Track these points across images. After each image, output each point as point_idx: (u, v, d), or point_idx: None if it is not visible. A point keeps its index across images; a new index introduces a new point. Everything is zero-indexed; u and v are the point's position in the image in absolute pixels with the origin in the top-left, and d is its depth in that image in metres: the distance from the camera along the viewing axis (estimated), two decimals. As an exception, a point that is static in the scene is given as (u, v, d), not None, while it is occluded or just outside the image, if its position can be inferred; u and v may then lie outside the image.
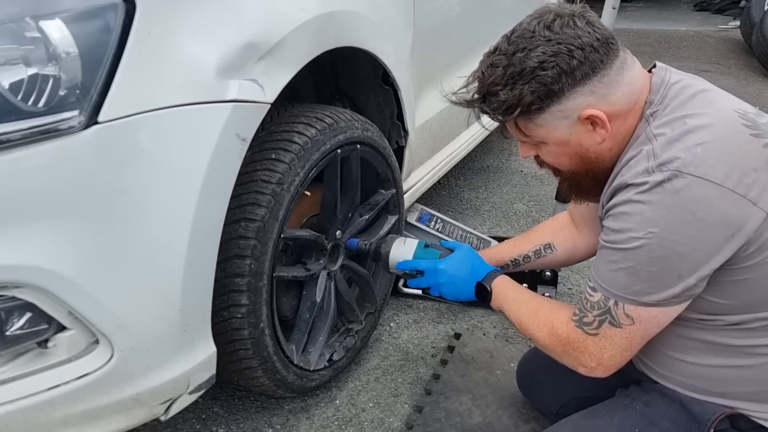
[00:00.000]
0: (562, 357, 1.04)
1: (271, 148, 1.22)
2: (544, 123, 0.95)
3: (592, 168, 1.00)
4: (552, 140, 0.97)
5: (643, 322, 0.93)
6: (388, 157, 1.58)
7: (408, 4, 1.67)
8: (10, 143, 0.83)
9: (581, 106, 0.92)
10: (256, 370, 1.28)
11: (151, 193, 0.96)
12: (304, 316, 1.47)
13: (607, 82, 0.91)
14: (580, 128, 0.94)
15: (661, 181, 0.85)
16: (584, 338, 0.98)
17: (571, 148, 0.98)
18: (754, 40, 4.98)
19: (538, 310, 1.09)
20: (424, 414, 1.50)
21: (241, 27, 1.06)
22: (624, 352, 0.97)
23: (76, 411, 0.99)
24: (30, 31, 0.85)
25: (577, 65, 0.89)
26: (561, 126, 0.94)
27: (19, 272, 0.87)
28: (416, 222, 2.01)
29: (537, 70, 0.89)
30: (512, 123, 0.98)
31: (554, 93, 0.91)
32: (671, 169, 0.85)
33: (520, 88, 0.90)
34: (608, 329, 0.95)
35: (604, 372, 1.00)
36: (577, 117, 0.93)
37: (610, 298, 0.93)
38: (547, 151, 1.01)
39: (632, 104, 0.94)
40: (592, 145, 0.96)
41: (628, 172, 0.91)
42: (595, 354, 0.98)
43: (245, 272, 1.17)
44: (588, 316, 0.97)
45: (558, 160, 1.02)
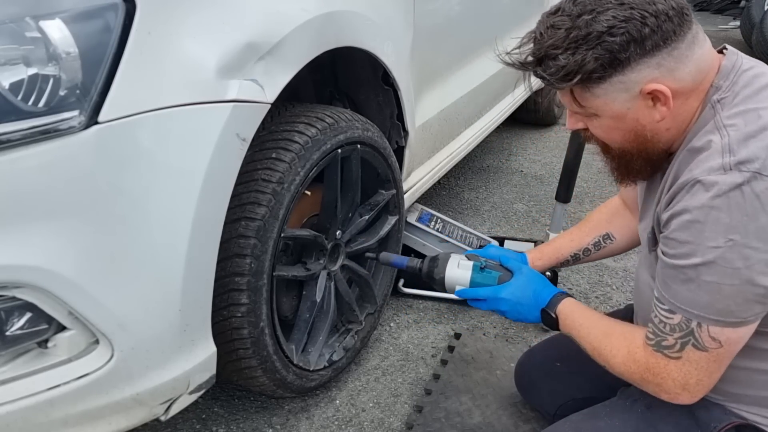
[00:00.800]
0: (642, 384, 0.95)
1: (271, 148, 1.22)
2: (602, 94, 0.87)
3: (645, 147, 0.93)
4: (607, 113, 0.90)
5: (732, 344, 0.85)
6: (388, 157, 1.58)
7: (408, 4, 1.67)
8: (10, 143, 0.83)
9: (645, 79, 0.85)
10: (255, 369, 1.28)
11: (152, 193, 0.96)
12: (304, 315, 1.47)
13: (677, 56, 0.84)
14: (640, 103, 0.87)
15: (739, 184, 0.78)
16: (666, 363, 0.90)
17: (626, 124, 0.90)
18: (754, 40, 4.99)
19: (609, 334, 1.01)
20: (424, 414, 1.50)
21: (241, 27, 1.06)
22: (712, 375, 0.88)
23: (76, 411, 0.99)
24: (30, 31, 0.85)
25: (648, 34, 0.81)
26: (620, 99, 0.87)
27: (19, 272, 0.87)
28: (416, 222, 2.01)
29: (604, 36, 0.82)
30: (567, 91, 0.90)
31: (619, 62, 0.83)
32: (751, 170, 0.79)
33: (583, 53, 0.83)
34: (692, 353, 0.87)
35: (691, 398, 0.91)
36: (639, 91, 0.86)
37: (692, 320, 0.85)
38: (599, 124, 0.93)
39: (698, 83, 0.88)
40: (650, 123, 0.89)
41: (698, 166, 0.83)
42: (680, 379, 0.89)
43: (245, 271, 1.17)
44: (668, 340, 0.89)
45: (610, 136, 0.94)
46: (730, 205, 0.79)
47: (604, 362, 1.01)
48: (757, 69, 0.90)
